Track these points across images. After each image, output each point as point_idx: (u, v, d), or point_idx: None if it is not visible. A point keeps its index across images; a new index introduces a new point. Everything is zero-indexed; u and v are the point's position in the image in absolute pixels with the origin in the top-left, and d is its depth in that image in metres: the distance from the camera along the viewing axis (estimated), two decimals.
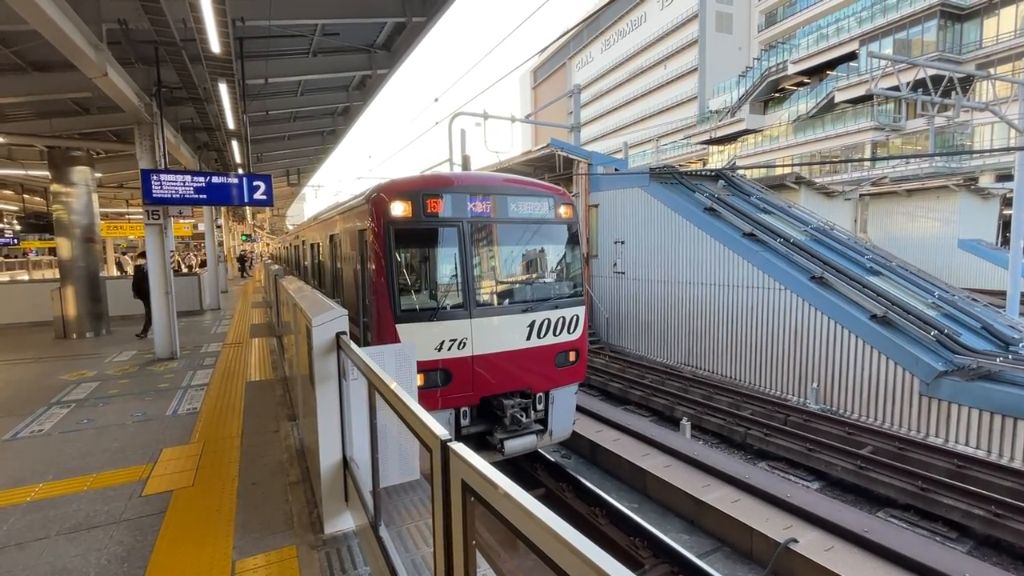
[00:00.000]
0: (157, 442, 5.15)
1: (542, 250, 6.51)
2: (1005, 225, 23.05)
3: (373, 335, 5.65)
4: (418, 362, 5.20)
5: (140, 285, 10.52)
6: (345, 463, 3.39)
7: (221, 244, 21.78)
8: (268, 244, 57.55)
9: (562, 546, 0.96)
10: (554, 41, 11.75)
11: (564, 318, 6.25)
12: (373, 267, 5.56)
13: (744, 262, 12.36)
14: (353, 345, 3.00)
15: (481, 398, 5.79)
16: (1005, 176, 25.30)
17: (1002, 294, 15.90)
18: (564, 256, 6.57)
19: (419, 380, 5.23)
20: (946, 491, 6.88)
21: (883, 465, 7.62)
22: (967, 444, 8.64)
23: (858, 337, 10.12)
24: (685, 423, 9.35)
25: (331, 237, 8.22)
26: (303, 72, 10.68)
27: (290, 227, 42.66)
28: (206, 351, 9.55)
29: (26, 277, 24.26)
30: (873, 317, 10.06)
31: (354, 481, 3.20)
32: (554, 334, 6.18)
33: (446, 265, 5.81)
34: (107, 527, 3.60)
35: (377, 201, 5.61)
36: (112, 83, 6.96)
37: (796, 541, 5.45)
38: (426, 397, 5.34)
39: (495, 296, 5.99)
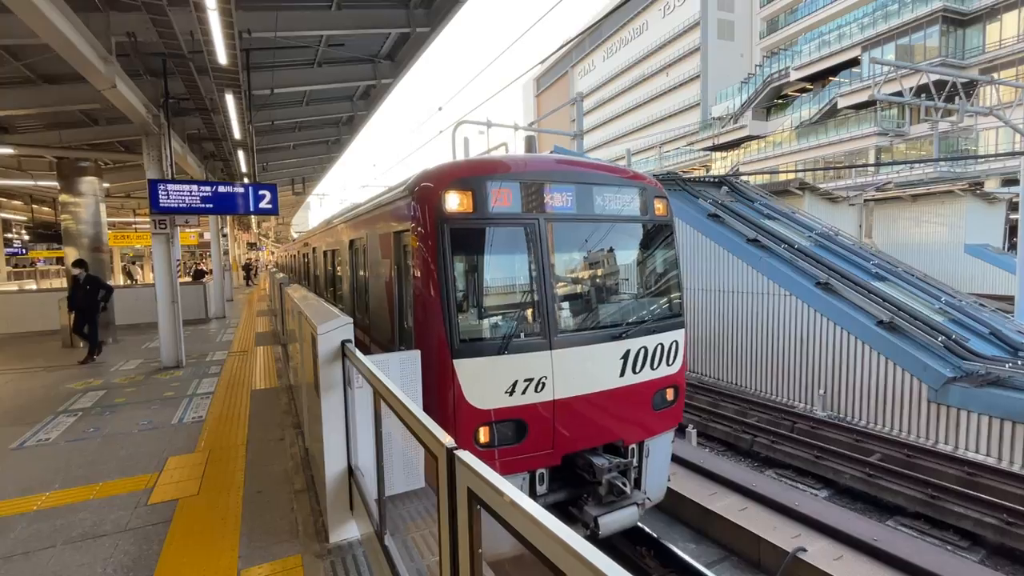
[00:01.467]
0: (163, 451, 5.15)
1: (636, 257, 5.14)
2: (1012, 230, 22.93)
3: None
4: (482, 411, 4.07)
5: (78, 300, 9.09)
6: (350, 471, 3.38)
7: (227, 253, 21.89)
8: (273, 252, 57.83)
9: (569, 555, 0.95)
10: (557, 50, 11.83)
11: (663, 345, 4.87)
12: (420, 281, 4.21)
13: (749, 268, 12.32)
14: (358, 352, 3.01)
15: (563, 456, 4.44)
16: (1011, 180, 25.18)
17: (1010, 299, 15.79)
18: (661, 265, 5.20)
19: (483, 435, 4.11)
20: (957, 499, 6.80)
21: (892, 473, 7.54)
22: (977, 451, 8.54)
23: (865, 343, 10.05)
24: (691, 430, 9.27)
25: (351, 243, 6.87)
26: (308, 82, 10.82)
27: (295, 235, 42.73)
28: (211, 359, 9.57)
29: (34, 286, 24.44)
30: (880, 323, 9.99)
31: (359, 490, 3.20)
32: (652, 367, 4.79)
33: (519, 279, 4.49)
34: (113, 536, 3.60)
35: (424, 193, 4.23)
36: (121, 95, 7.06)
37: (805, 550, 5.40)
38: (490, 457, 4.09)
39: (581, 319, 4.67)
